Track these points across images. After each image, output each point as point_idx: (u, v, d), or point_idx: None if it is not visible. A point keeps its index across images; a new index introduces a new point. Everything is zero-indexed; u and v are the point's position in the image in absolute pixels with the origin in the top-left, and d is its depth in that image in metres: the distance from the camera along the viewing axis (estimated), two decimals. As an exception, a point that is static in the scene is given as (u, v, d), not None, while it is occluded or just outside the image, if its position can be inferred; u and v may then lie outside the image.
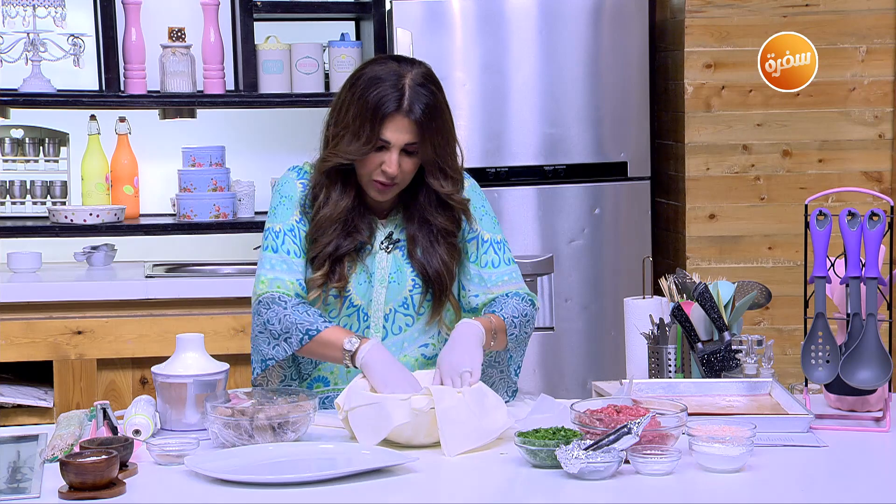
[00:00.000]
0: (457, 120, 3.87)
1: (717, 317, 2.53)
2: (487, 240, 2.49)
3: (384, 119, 2.33)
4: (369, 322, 2.43)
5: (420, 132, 2.35)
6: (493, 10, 3.88)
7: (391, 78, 2.35)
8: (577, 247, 3.96)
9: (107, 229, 3.86)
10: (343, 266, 2.41)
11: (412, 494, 1.95)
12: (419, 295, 2.44)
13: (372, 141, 2.34)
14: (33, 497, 1.90)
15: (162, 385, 2.24)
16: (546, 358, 3.95)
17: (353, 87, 2.39)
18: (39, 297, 3.54)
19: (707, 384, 2.44)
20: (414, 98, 2.34)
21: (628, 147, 3.98)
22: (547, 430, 2.06)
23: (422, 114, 2.34)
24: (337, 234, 2.41)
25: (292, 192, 2.46)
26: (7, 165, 3.96)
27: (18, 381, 3.61)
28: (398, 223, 2.48)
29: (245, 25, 3.90)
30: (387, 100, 2.33)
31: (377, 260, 2.44)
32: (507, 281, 2.48)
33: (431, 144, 2.37)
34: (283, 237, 2.42)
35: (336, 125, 2.39)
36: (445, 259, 2.43)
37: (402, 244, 2.46)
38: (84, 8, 3.94)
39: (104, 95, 3.90)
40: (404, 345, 2.45)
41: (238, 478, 1.95)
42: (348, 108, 2.37)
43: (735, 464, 2.00)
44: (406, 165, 2.38)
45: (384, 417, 2.12)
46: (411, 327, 2.45)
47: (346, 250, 2.41)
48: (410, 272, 2.44)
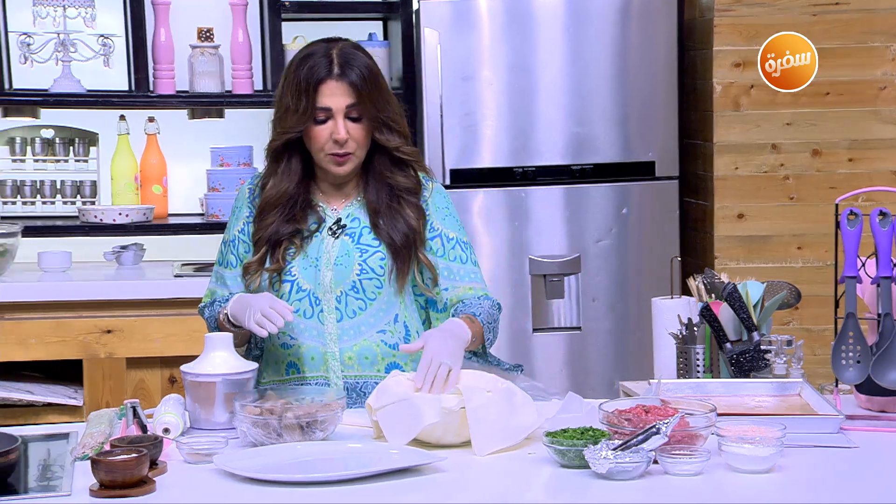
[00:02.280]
0: (484, 119, 3.93)
1: (746, 317, 2.52)
2: (453, 238, 2.52)
3: (318, 86, 2.39)
4: (322, 305, 2.45)
5: (356, 92, 2.40)
6: (520, 9, 3.88)
7: (320, 51, 2.43)
8: (605, 246, 3.95)
9: (136, 229, 3.88)
10: (280, 250, 2.45)
11: (440, 494, 1.95)
12: (368, 281, 2.45)
13: (309, 111, 2.40)
14: (64, 495, 1.91)
15: (191, 384, 2.25)
16: (572, 357, 3.95)
17: (286, 72, 2.47)
18: (69, 297, 3.57)
19: (736, 384, 2.43)
20: (344, 62, 2.41)
21: (656, 146, 3.97)
22: (575, 430, 2.06)
23: (356, 75, 2.40)
24: (278, 218, 2.46)
25: (241, 201, 2.54)
26: (38, 165, 3.99)
27: (49, 379, 3.64)
28: (353, 211, 2.50)
29: (273, 25, 3.92)
30: (317, 68, 2.40)
31: (324, 244, 2.47)
32: (473, 279, 2.52)
33: (371, 102, 2.41)
34: (227, 249, 2.53)
35: (277, 110, 2.46)
36: (411, 220, 2.46)
37: (352, 230, 2.47)
38: (114, 8, 3.96)
39: (133, 95, 3.92)
40: (361, 328, 2.45)
41: (267, 476, 1.96)
42: (286, 91, 2.44)
43: (765, 464, 1.99)
44: (355, 132, 2.42)
45: (414, 417, 2.12)
46: (365, 312, 2.46)
47: (283, 235, 2.45)
48: (359, 257, 2.46)
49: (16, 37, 3.85)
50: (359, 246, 2.47)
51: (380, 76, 2.45)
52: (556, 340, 3.95)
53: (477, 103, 3.87)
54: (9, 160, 3.97)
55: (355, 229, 2.48)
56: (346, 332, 2.44)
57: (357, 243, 2.47)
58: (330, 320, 2.44)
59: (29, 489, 1.94)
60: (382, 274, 2.45)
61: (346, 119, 2.41)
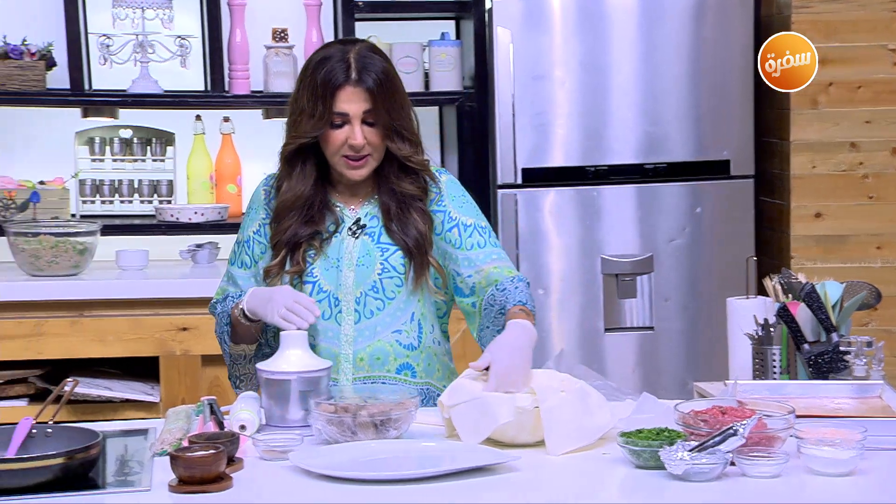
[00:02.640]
0: (556, 118, 3.92)
1: (824, 317, 2.49)
2: (470, 224, 2.49)
3: (335, 91, 2.38)
4: (341, 306, 2.44)
5: (373, 99, 2.39)
6: (593, 7, 3.86)
7: (337, 55, 2.41)
8: (678, 246, 3.92)
9: (211, 227, 3.93)
10: (300, 252, 2.45)
11: (514, 493, 1.95)
12: (389, 279, 2.45)
13: (325, 116, 2.39)
14: (144, 489, 1.94)
15: (266, 381, 2.27)
16: (645, 358, 3.92)
17: (303, 74, 2.45)
18: (146, 294, 3.61)
19: (814, 386, 2.39)
20: (361, 67, 2.39)
21: (731, 145, 3.93)
22: (650, 431, 2.05)
23: (372, 81, 2.39)
24: (296, 220, 2.46)
25: (257, 201, 2.55)
26: (116, 165, 4.06)
27: (126, 376, 3.69)
28: (370, 210, 2.50)
29: (346, 25, 3.94)
30: (335, 73, 2.39)
31: (344, 245, 2.47)
32: (495, 259, 2.47)
33: (385, 109, 2.40)
34: (241, 249, 2.53)
35: (293, 113, 2.45)
36: (419, 226, 2.46)
37: (372, 230, 2.47)
38: (191, 10, 4.01)
39: (209, 96, 3.97)
40: (377, 329, 2.45)
41: (341, 474, 1.96)
42: (302, 94, 2.43)
43: (845, 467, 1.96)
44: (371, 137, 2.41)
45: (488, 416, 2.12)
46: (382, 311, 2.45)
47: (302, 237, 2.45)
48: (380, 256, 2.45)
49: (96, 38, 3.91)
50: (379, 245, 2.47)
51: (396, 80, 2.44)
52: (628, 340, 3.92)
53: (549, 102, 3.85)
54: (88, 160, 4.03)
55: (374, 228, 2.48)
56: (362, 334, 2.44)
57: (377, 242, 2.47)
58: (347, 322, 2.44)
59: (107, 484, 1.97)
60: (403, 272, 2.46)
61: (363, 124, 2.40)
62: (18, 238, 3.68)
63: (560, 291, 3.87)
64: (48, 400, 2.17)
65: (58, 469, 1.90)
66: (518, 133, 3.85)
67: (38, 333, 3.53)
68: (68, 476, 1.92)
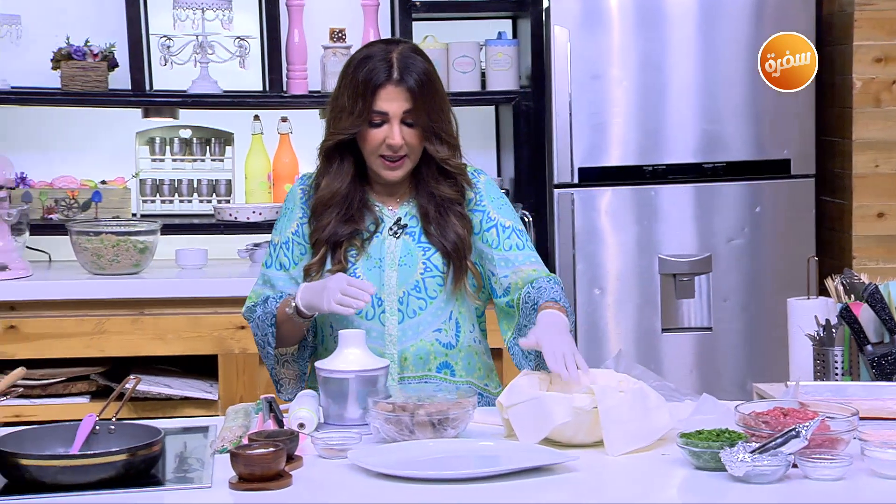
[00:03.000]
0: (613, 117, 3.90)
1: (888, 318, 2.45)
2: (508, 226, 2.50)
3: (376, 90, 2.38)
4: (384, 306, 2.44)
5: (414, 99, 2.39)
6: (651, 6, 3.83)
7: (379, 54, 2.41)
8: (737, 246, 3.89)
9: (268, 227, 3.94)
10: (341, 251, 2.44)
11: (573, 494, 1.94)
12: (431, 279, 2.44)
13: (364, 114, 2.38)
14: (205, 487, 1.96)
15: (325, 380, 2.28)
16: (703, 358, 3.89)
17: (345, 72, 2.45)
18: (205, 293, 3.64)
19: (878, 387, 2.36)
20: (403, 67, 2.39)
21: (791, 144, 3.88)
22: (710, 432, 2.03)
23: (414, 81, 2.38)
24: (334, 218, 2.45)
25: (293, 200, 2.53)
26: (176, 165, 4.10)
27: (185, 374, 3.73)
28: (409, 209, 2.49)
29: (404, 25, 3.95)
30: (377, 72, 2.38)
31: (386, 245, 2.46)
32: (533, 262, 2.49)
33: (425, 110, 2.40)
34: (278, 251, 2.50)
35: (333, 110, 2.46)
36: (458, 229, 2.45)
37: (412, 229, 2.47)
38: (250, 10, 4.04)
39: (267, 96, 4.00)
40: (419, 328, 2.44)
41: (400, 473, 1.97)
42: (343, 92, 2.43)
43: (909, 471, 1.93)
44: (410, 137, 2.41)
45: (545, 416, 2.11)
46: (425, 311, 2.45)
47: (342, 236, 2.44)
48: (422, 255, 2.45)
49: (157, 39, 3.96)
50: (420, 245, 2.47)
51: (437, 82, 2.44)
52: (686, 341, 3.90)
53: (606, 101, 3.84)
54: (149, 160, 4.08)
55: (414, 228, 2.48)
56: (406, 333, 2.43)
57: (418, 242, 2.47)
58: (391, 322, 2.44)
59: (167, 481, 1.99)
60: (444, 272, 2.46)
61: (402, 124, 2.40)
62: (80, 237, 3.73)
63: (617, 291, 3.85)
64: (111, 397, 2.19)
65: (121, 465, 1.92)
66: (575, 132, 3.83)
67: (99, 331, 3.58)
68: (131, 473, 1.94)
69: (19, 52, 3.96)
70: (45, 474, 1.91)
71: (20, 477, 1.93)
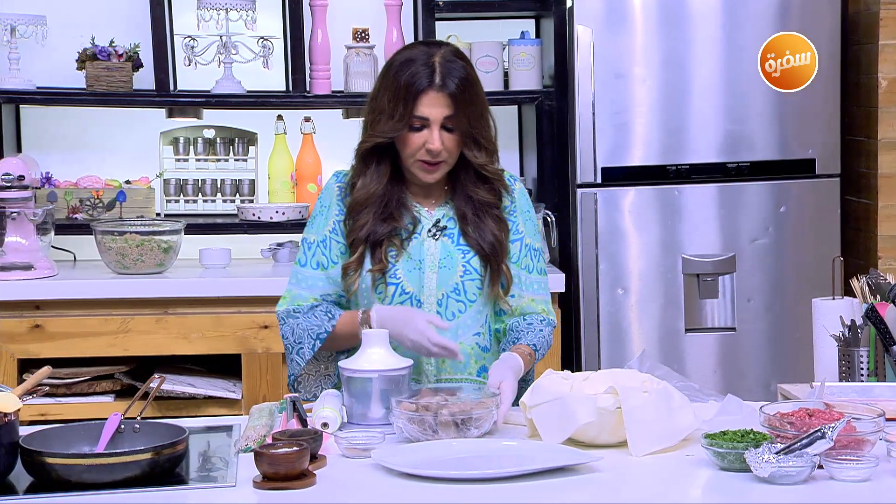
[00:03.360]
0: (636, 117, 3.88)
1: (914, 319, 2.44)
2: (528, 244, 2.52)
3: (418, 95, 2.38)
4: (423, 308, 2.44)
5: (455, 105, 2.39)
6: (674, 5, 3.82)
7: (422, 58, 2.40)
8: (761, 246, 3.87)
9: (291, 226, 3.96)
10: (382, 250, 2.44)
11: (596, 494, 1.94)
12: (471, 282, 2.45)
13: (405, 118, 2.38)
14: (229, 486, 1.96)
15: (348, 379, 2.28)
16: (727, 359, 3.88)
17: (385, 74, 2.44)
18: (229, 292, 3.66)
19: (904, 389, 2.35)
20: (446, 72, 2.38)
21: (816, 144, 3.86)
22: (735, 433, 2.02)
23: (455, 87, 2.38)
24: (372, 218, 2.45)
25: (329, 197, 2.53)
26: (199, 164, 4.11)
27: (209, 373, 3.74)
28: (446, 211, 2.49)
29: (427, 25, 3.95)
30: (419, 77, 2.38)
31: (425, 247, 2.46)
32: (536, 290, 2.52)
33: (465, 116, 2.40)
34: (315, 249, 2.50)
35: (372, 112, 2.45)
36: (495, 232, 2.46)
37: (451, 231, 2.47)
38: (273, 10, 4.05)
39: (291, 96, 4.01)
40: (458, 332, 2.45)
41: (423, 472, 1.97)
42: (383, 94, 2.42)
43: (936, 472, 1.91)
44: (448, 142, 2.41)
45: (569, 416, 2.11)
46: (464, 314, 2.45)
47: (382, 235, 2.44)
48: (462, 258, 2.45)
49: (181, 39, 3.97)
50: (459, 247, 2.47)
51: (478, 87, 2.44)
52: (710, 341, 3.88)
53: (629, 101, 3.83)
54: (173, 160, 4.10)
55: (453, 230, 2.49)
56: (444, 336, 2.42)
57: (457, 244, 2.47)
58: None
59: (191, 480, 2.00)
60: (482, 275, 2.46)
61: (441, 129, 2.40)
62: (105, 237, 3.75)
63: (640, 291, 3.84)
64: (136, 396, 2.20)
65: (146, 464, 1.93)
66: (598, 132, 3.82)
67: (124, 330, 3.59)
68: (155, 471, 1.95)
69: (45, 53, 3.99)
70: (70, 473, 1.92)
71: (46, 475, 1.94)
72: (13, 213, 3.64)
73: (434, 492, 1.92)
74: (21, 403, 1.99)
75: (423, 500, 1.90)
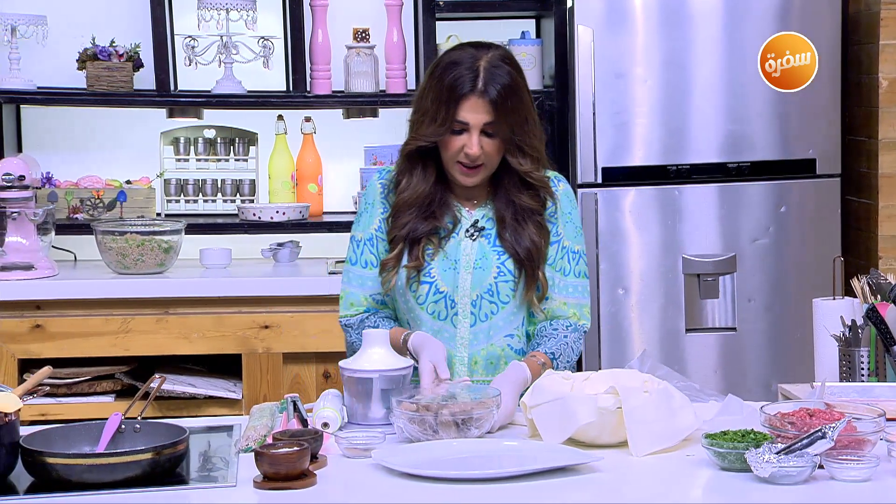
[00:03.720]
0: (636, 117, 3.88)
1: (915, 319, 2.44)
2: (566, 247, 2.50)
3: (459, 100, 2.38)
4: (457, 308, 2.45)
5: (496, 112, 2.38)
6: (675, 5, 3.82)
7: (467, 61, 2.40)
8: (762, 246, 3.87)
9: (292, 226, 3.96)
10: (419, 248, 2.45)
11: (597, 494, 1.94)
12: (504, 283, 2.45)
13: (447, 123, 2.38)
14: (230, 486, 1.96)
15: (349, 379, 2.28)
16: (727, 359, 3.88)
17: (432, 73, 2.45)
18: (229, 292, 3.66)
19: (904, 389, 2.35)
20: (489, 78, 2.38)
21: (817, 144, 3.86)
22: (735, 433, 2.02)
23: (497, 94, 2.37)
24: (414, 217, 2.45)
25: (373, 195, 2.54)
26: (200, 164, 4.11)
27: (209, 373, 3.74)
28: (486, 212, 2.49)
29: (427, 25, 3.95)
30: (462, 81, 2.38)
31: (462, 247, 2.47)
32: (569, 293, 2.49)
33: (507, 123, 2.39)
34: (363, 247, 2.51)
35: (417, 112, 2.45)
36: (535, 237, 2.45)
37: (488, 232, 2.47)
38: (274, 10, 4.05)
39: (291, 96, 4.01)
40: (491, 333, 2.45)
41: (424, 472, 1.97)
42: (427, 94, 2.43)
43: (937, 473, 1.91)
44: (488, 147, 2.41)
45: (569, 416, 2.11)
46: (497, 315, 2.45)
47: (421, 233, 2.45)
48: (497, 259, 2.45)
49: (181, 39, 3.97)
50: (495, 248, 2.47)
51: (523, 93, 2.42)
52: (710, 341, 3.88)
53: (630, 101, 3.83)
54: (173, 160, 4.10)
55: (490, 231, 2.49)
56: (477, 337, 2.45)
57: (493, 245, 2.47)
58: (463, 325, 2.45)
59: (192, 480, 2.00)
60: (517, 276, 2.46)
61: (481, 134, 2.40)
62: (106, 237, 3.75)
63: (640, 291, 3.84)
64: (136, 396, 2.20)
65: (146, 464, 1.93)
66: (598, 132, 3.82)
67: (124, 330, 3.59)
68: (156, 471, 1.95)
69: (45, 53, 3.99)
70: (71, 473, 1.92)
71: (46, 475, 1.94)
72: (14, 213, 3.64)
73: (434, 492, 1.92)
74: (21, 403, 1.99)
75: (423, 500, 1.90)
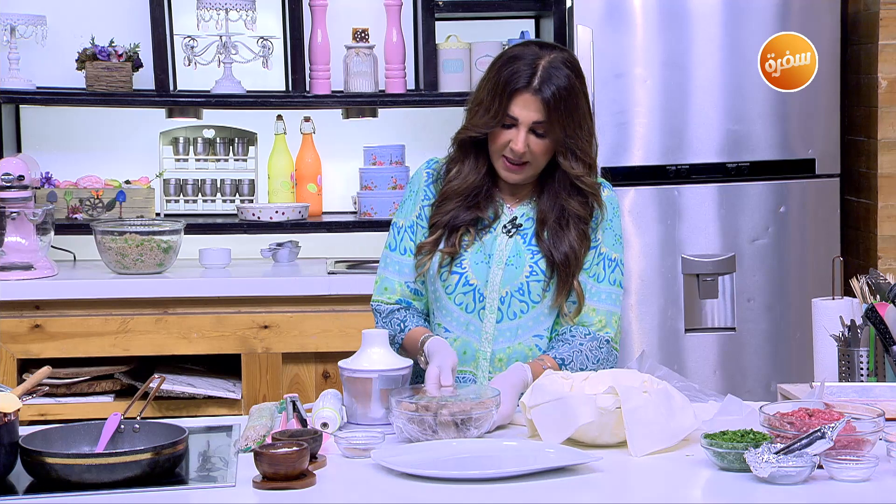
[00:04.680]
0: (636, 117, 3.89)
1: (914, 319, 2.44)
2: (603, 254, 2.48)
3: (512, 94, 2.37)
4: (485, 303, 2.44)
5: (548, 112, 2.37)
6: (675, 5, 3.82)
7: (528, 57, 2.39)
8: (761, 246, 3.87)
9: (291, 226, 3.96)
10: (457, 235, 2.45)
11: (596, 494, 1.94)
12: (536, 283, 2.44)
13: (498, 115, 2.38)
14: (229, 485, 1.96)
15: (348, 379, 2.28)
16: (727, 359, 3.88)
17: (493, 65, 2.45)
18: (228, 292, 3.66)
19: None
20: (545, 77, 2.36)
21: (816, 144, 3.86)
22: (735, 433, 2.02)
23: (551, 94, 2.36)
24: (458, 205, 2.46)
25: (417, 183, 2.54)
26: (199, 164, 4.11)
27: (209, 373, 3.74)
28: (527, 210, 2.48)
29: (426, 25, 3.95)
30: (518, 76, 2.36)
31: (497, 242, 2.46)
32: (598, 300, 2.46)
33: (560, 126, 2.38)
34: (403, 234, 2.51)
35: (473, 101, 2.45)
36: (574, 245, 2.44)
37: (525, 230, 2.47)
38: (273, 10, 4.05)
39: (290, 96, 4.00)
40: (518, 332, 2.44)
41: (423, 472, 1.97)
42: (485, 85, 2.43)
43: (936, 473, 1.92)
44: (535, 146, 2.40)
45: (569, 416, 2.11)
46: (526, 315, 2.44)
47: (462, 222, 2.45)
48: (530, 258, 2.45)
49: (181, 39, 3.97)
50: (530, 247, 2.46)
51: (579, 98, 2.40)
52: (710, 341, 3.88)
53: (629, 101, 3.83)
54: (172, 160, 4.10)
55: (528, 230, 2.47)
56: (503, 334, 2.44)
57: (528, 244, 2.46)
58: (489, 319, 2.44)
59: (190, 480, 2.00)
60: (548, 277, 2.45)
61: (530, 132, 2.39)
62: (105, 237, 3.75)
63: (640, 292, 3.84)
64: (136, 396, 2.20)
65: (146, 464, 1.93)
66: (598, 132, 3.78)
67: (124, 330, 3.59)
68: (155, 471, 1.95)
69: (45, 53, 3.99)
70: (70, 473, 1.92)
71: (46, 475, 1.94)
72: (13, 213, 3.64)
73: (434, 492, 1.92)
74: (21, 403, 1.99)
75: (423, 500, 1.90)
